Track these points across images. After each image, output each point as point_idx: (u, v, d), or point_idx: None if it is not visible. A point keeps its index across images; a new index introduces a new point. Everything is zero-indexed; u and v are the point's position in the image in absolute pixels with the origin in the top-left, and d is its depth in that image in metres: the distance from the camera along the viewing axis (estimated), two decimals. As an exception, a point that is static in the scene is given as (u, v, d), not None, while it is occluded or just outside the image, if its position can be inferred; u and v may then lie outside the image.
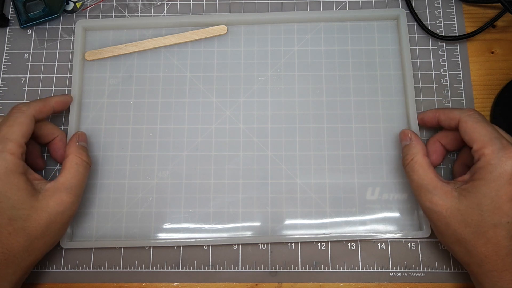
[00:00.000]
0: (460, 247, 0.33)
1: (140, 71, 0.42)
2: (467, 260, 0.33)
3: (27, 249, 0.33)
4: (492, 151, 0.32)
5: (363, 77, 0.42)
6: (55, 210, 0.33)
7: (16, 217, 0.32)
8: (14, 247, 0.32)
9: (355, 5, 0.44)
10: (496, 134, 0.32)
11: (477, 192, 0.31)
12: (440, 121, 0.37)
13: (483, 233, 0.31)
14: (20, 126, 0.33)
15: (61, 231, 0.35)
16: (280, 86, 0.42)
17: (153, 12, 0.44)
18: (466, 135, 0.34)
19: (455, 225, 0.32)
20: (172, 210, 0.39)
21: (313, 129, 0.41)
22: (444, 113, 0.36)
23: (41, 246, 0.34)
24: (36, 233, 0.33)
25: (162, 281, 0.38)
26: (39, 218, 0.33)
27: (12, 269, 0.32)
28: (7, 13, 0.44)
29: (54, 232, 0.34)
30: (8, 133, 0.33)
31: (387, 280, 0.38)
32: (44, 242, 0.34)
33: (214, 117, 0.41)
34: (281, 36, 0.43)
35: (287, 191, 0.39)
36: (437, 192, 0.33)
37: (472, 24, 0.43)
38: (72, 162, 0.35)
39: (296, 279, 0.38)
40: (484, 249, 0.31)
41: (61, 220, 0.34)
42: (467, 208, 0.32)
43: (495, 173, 0.31)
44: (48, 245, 0.35)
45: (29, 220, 0.32)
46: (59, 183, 0.34)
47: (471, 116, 0.34)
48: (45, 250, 0.35)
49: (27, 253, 0.33)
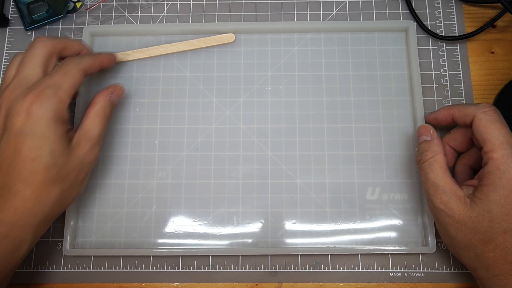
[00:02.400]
0: (468, 252, 0.33)
1: (140, 71, 0.42)
2: (474, 264, 0.33)
3: (57, 199, 0.32)
4: (502, 156, 0.31)
5: (363, 77, 0.42)
6: (84, 160, 0.34)
7: (52, 164, 0.31)
8: (44, 195, 0.31)
9: (355, 5, 0.44)
10: (509, 138, 0.32)
11: (487, 199, 0.31)
12: (455, 118, 0.36)
13: (492, 239, 0.31)
14: (72, 77, 0.33)
15: (83, 184, 0.35)
16: (280, 86, 0.42)
17: (153, 12, 0.44)
18: (478, 134, 0.33)
19: (466, 231, 0.32)
20: (172, 210, 0.39)
21: (313, 129, 0.41)
22: (458, 109, 0.35)
23: (67, 197, 0.33)
24: (66, 183, 0.33)
25: (162, 281, 0.38)
26: (72, 168, 0.33)
27: (39, 219, 0.32)
28: (7, 13, 0.44)
29: (78, 184, 0.34)
30: (61, 82, 0.33)
31: (387, 280, 0.38)
32: (70, 194, 0.34)
33: (214, 117, 0.41)
34: (281, 36, 0.43)
35: (287, 191, 0.39)
36: (452, 195, 0.32)
37: (472, 24, 0.43)
38: (98, 113, 0.35)
39: (296, 279, 0.38)
40: (493, 254, 0.31)
41: (87, 171, 0.34)
42: (478, 215, 0.31)
43: (504, 179, 0.31)
44: (72, 197, 0.34)
45: (63, 169, 0.32)
46: (84, 131, 0.34)
47: (487, 113, 0.33)
48: (69, 202, 0.34)
49: (56, 203, 0.32)
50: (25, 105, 0.31)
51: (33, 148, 0.31)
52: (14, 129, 0.31)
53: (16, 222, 0.30)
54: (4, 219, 0.30)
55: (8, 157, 0.31)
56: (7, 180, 0.31)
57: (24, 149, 0.30)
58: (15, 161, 0.31)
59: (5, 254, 0.30)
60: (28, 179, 0.31)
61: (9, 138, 0.31)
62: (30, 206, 0.31)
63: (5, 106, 0.32)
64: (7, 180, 0.31)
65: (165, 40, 0.42)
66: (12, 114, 0.31)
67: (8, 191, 0.31)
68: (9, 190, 0.31)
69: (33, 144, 0.31)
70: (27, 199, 0.31)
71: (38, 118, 0.31)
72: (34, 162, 0.31)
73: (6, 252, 0.30)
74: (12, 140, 0.31)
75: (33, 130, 0.31)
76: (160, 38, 0.43)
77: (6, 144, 0.31)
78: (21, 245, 0.31)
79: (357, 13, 0.44)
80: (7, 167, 0.31)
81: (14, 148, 0.31)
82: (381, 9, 0.44)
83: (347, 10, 0.44)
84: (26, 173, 0.31)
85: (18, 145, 0.31)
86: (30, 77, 0.33)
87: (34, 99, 0.31)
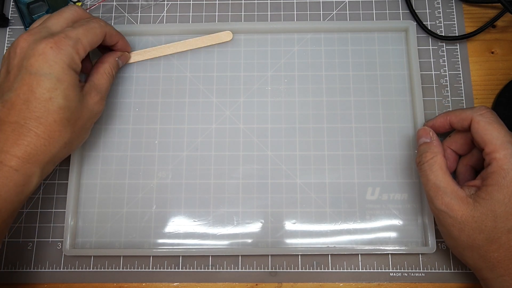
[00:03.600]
0: (472, 252, 0.33)
1: (140, 71, 0.42)
2: (479, 265, 0.33)
3: (66, 141, 0.34)
4: (504, 155, 0.31)
5: (363, 77, 0.42)
6: (92, 109, 0.36)
7: (65, 107, 0.33)
8: (55, 135, 0.33)
9: (355, 5, 0.44)
10: (509, 138, 0.32)
11: (491, 198, 0.31)
12: (452, 124, 0.36)
13: (496, 239, 0.31)
14: (93, 36, 0.35)
15: (88, 132, 0.37)
16: (280, 86, 0.42)
17: (153, 12, 0.44)
18: (478, 136, 0.33)
19: (469, 231, 0.32)
20: (172, 210, 0.39)
21: (313, 129, 0.41)
22: (455, 115, 0.35)
23: (74, 141, 0.35)
24: (77, 127, 0.35)
25: (162, 281, 0.38)
26: (82, 114, 0.35)
27: (47, 157, 0.33)
28: (7, 13, 0.44)
29: (86, 131, 0.36)
30: (82, 36, 0.34)
31: (387, 280, 0.38)
32: (77, 138, 0.35)
33: (214, 117, 0.41)
34: (281, 36, 0.43)
35: (287, 191, 0.39)
36: (454, 196, 0.32)
37: (472, 24, 0.43)
38: (106, 70, 0.38)
39: (296, 279, 0.38)
40: (497, 254, 0.31)
41: (93, 121, 0.37)
42: (482, 215, 0.31)
43: (508, 179, 0.31)
44: (77, 143, 0.36)
45: (74, 113, 0.34)
46: (94, 83, 0.36)
47: (484, 115, 0.33)
48: (75, 147, 0.36)
49: (64, 145, 0.34)
50: (43, 48, 0.32)
51: (48, 89, 0.32)
52: (30, 69, 0.32)
53: (26, 158, 0.32)
54: (16, 153, 0.31)
55: (22, 94, 0.32)
56: (20, 117, 0.32)
57: (40, 89, 0.32)
58: (30, 99, 0.32)
59: (16, 186, 0.32)
60: (41, 118, 0.32)
61: (25, 77, 0.32)
62: (41, 144, 0.32)
63: (21, 46, 0.33)
64: (20, 117, 0.32)
65: (165, 40, 0.42)
66: (30, 55, 0.32)
67: (21, 127, 0.32)
68: (22, 127, 0.32)
69: (49, 86, 0.32)
70: (39, 137, 0.32)
71: (55, 63, 0.32)
72: (49, 102, 0.32)
73: (17, 184, 0.32)
74: (27, 79, 0.32)
75: (49, 73, 0.32)
76: (160, 38, 0.43)
77: (21, 82, 0.32)
78: (30, 180, 0.33)
79: (357, 13, 0.44)
80: (21, 104, 0.32)
81: (29, 87, 0.32)
82: (381, 9, 0.44)
83: (347, 10, 0.44)
84: (40, 112, 0.32)
85: (33, 84, 0.32)
86: (52, 27, 0.34)
87: (53, 44, 0.33)
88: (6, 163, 0.31)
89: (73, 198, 0.39)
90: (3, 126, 0.32)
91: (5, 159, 0.31)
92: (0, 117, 0.32)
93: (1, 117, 0.32)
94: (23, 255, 0.39)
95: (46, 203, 0.40)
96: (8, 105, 0.32)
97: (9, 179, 0.31)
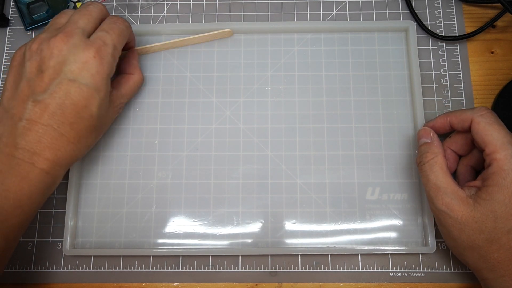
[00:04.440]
0: (472, 252, 0.33)
1: (140, 71, 0.42)
2: (479, 265, 0.33)
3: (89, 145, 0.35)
4: (505, 156, 0.31)
5: (363, 77, 0.42)
6: (113, 116, 0.38)
7: (97, 115, 0.34)
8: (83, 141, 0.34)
9: (355, 5, 0.44)
10: (509, 138, 0.32)
11: (491, 199, 0.31)
12: (453, 125, 0.36)
13: (496, 240, 0.31)
14: (124, 39, 0.36)
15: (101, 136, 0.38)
16: (280, 86, 0.42)
17: (153, 12, 0.44)
18: (478, 137, 0.33)
19: (469, 232, 0.32)
20: (172, 210, 0.39)
21: (313, 129, 0.41)
22: (455, 115, 0.35)
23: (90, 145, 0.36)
24: (99, 133, 0.36)
25: (162, 281, 0.38)
26: (107, 120, 0.37)
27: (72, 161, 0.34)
28: (7, 13, 0.44)
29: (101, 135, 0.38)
30: (117, 43, 0.35)
31: (387, 280, 0.38)
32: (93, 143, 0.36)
33: (214, 117, 0.41)
34: (281, 36, 0.43)
35: (287, 191, 0.39)
36: (454, 196, 0.32)
37: (472, 24, 0.43)
38: (136, 83, 0.40)
39: (296, 279, 0.38)
40: (497, 255, 0.31)
41: (109, 126, 0.38)
42: (482, 215, 0.31)
43: (508, 179, 0.31)
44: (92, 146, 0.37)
45: (101, 120, 0.35)
46: (121, 93, 0.38)
47: (484, 116, 0.33)
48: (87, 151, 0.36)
49: (86, 149, 0.35)
50: (86, 57, 0.33)
51: (86, 98, 0.33)
52: (70, 76, 0.32)
53: (56, 161, 0.33)
54: (47, 156, 0.32)
55: (59, 98, 0.32)
56: (54, 121, 0.32)
57: (77, 96, 0.33)
58: (66, 104, 0.32)
59: (45, 188, 0.33)
60: (74, 124, 0.33)
61: (63, 82, 0.32)
62: (70, 149, 0.33)
63: (58, 48, 0.33)
64: (54, 120, 0.32)
65: (165, 40, 0.42)
66: (71, 61, 0.33)
67: (54, 131, 0.32)
68: (55, 131, 0.32)
69: (87, 95, 0.33)
70: (70, 142, 0.33)
71: (97, 73, 0.33)
72: (84, 110, 0.33)
73: (46, 186, 0.33)
74: (66, 84, 0.32)
75: (90, 83, 0.33)
76: (160, 38, 0.43)
77: (58, 86, 0.32)
78: (56, 182, 0.34)
79: (357, 13, 0.44)
80: (56, 108, 0.32)
81: (67, 92, 0.32)
82: (381, 9, 0.44)
83: (347, 10, 0.44)
84: (74, 118, 0.33)
85: (71, 91, 0.32)
86: (86, 28, 0.34)
87: (96, 54, 0.33)
88: (38, 166, 0.32)
89: (73, 198, 0.39)
90: (35, 127, 0.32)
91: (37, 161, 0.32)
92: (31, 117, 0.32)
93: (32, 117, 0.32)
94: (23, 255, 0.39)
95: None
96: (41, 106, 0.32)
97: (40, 181, 0.32)
